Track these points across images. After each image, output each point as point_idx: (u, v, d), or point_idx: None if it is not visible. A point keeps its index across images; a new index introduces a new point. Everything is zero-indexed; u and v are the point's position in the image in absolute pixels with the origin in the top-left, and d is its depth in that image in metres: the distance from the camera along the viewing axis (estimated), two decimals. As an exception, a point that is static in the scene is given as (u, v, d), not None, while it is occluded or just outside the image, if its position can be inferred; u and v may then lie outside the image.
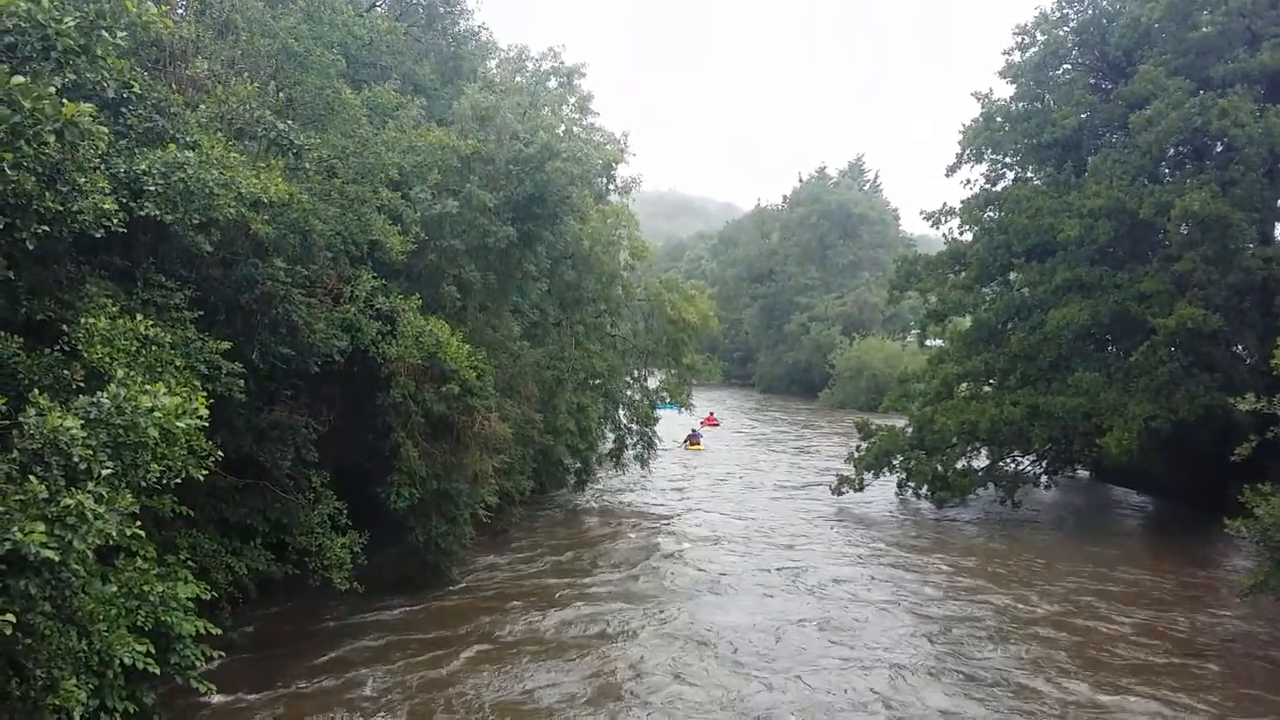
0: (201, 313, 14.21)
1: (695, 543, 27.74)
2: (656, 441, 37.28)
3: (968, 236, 36.24)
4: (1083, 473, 39.00)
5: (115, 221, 11.07)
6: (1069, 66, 34.93)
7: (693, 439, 48.75)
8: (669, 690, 16.14)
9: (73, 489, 8.81)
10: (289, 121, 16.49)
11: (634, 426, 36.62)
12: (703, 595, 22.00)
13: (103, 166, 11.69)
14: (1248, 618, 20.66)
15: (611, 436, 36.93)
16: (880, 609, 21.07)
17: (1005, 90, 37.37)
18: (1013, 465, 33.33)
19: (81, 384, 10.84)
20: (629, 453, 36.60)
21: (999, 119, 35.70)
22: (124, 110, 13.38)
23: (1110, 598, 22.19)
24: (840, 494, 32.66)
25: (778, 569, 24.48)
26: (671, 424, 43.09)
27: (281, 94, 17.29)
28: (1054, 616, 20.68)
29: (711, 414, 56.05)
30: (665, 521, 30.83)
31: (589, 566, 24.46)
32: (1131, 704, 15.88)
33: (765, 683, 16.49)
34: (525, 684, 16.30)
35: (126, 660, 10.72)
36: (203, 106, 15.45)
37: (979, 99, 36.41)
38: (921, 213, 37.79)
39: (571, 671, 17.00)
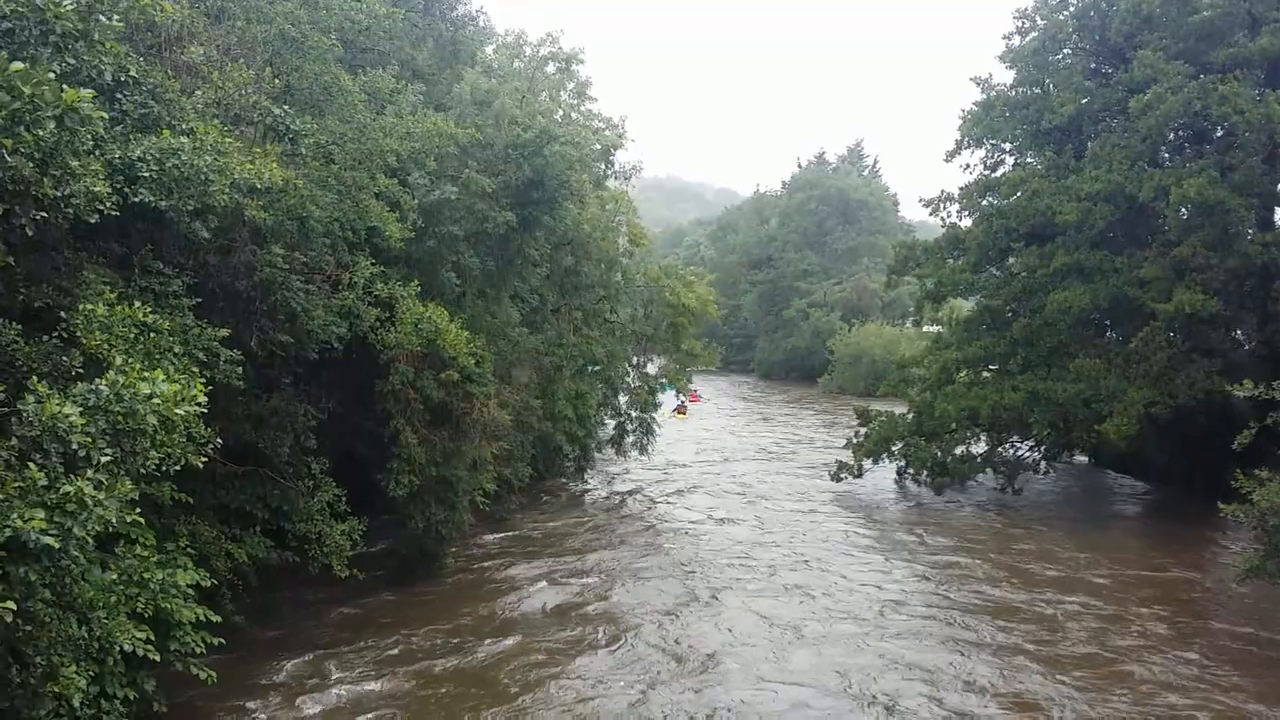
0: (200, 300, 14.16)
1: (692, 525, 27.91)
2: (656, 428, 37.27)
3: (967, 222, 36.16)
4: (1081, 459, 39.04)
5: (108, 205, 11.01)
6: (1069, 51, 34.74)
7: (680, 408, 53.78)
8: (655, 676, 16.24)
9: (72, 476, 8.80)
10: (285, 107, 16.41)
11: (633, 413, 36.60)
12: (697, 576, 22.08)
13: (97, 152, 11.64)
14: (1240, 601, 20.77)
15: (611, 423, 36.97)
16: (874, 591, 21.21)
17: (1005, 75, 37.28)
18: (1012, 451, 33.35)
19: (80, 371, 10.82)
20: (629, 439, 36.61)
21: (998, 105, 35.54)
22: (120, 96, 13.32)
23: (1104, 580, 22.33)
24: (839, 480, 32.67)
25: (775, 547, 24.65)
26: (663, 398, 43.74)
27: (278, 80, 17.20)
28: (1037, 600, 20.88)
29: (695, 391, 57.62)
30: (662, 505, 30.98)
31: (586, 551, 24.51)
32: (1113, 682, 16.07)
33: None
34: (514, 670, 16.37)
35: (126, 647, 10.73)
36: (199, 92, 15.37)
37: (979, 84, 36.26)
38: (920, 199, 37.72)
39: (566, 653, 17.12)
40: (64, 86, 9.82)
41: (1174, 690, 15.99)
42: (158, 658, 11.28)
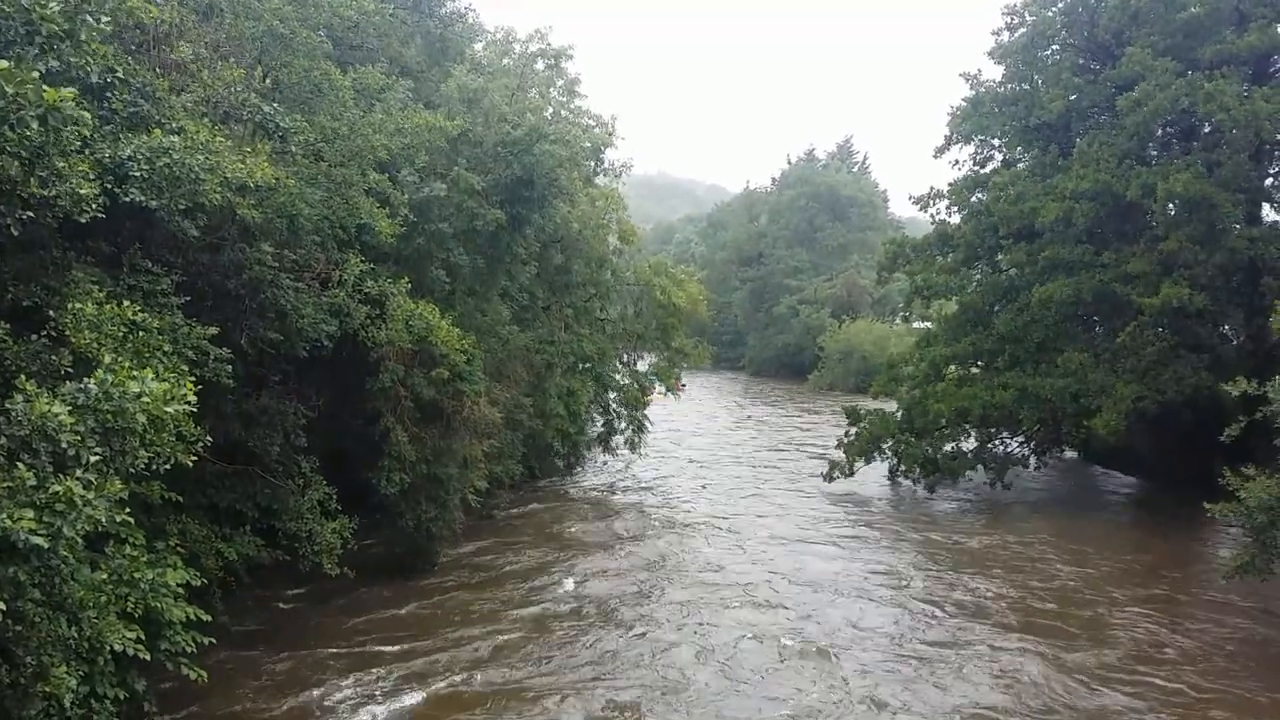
0: (189, 298, 14.11)
1: (680, 522, 28.02)
2: (649, 425, 37.26)
3: (956, 219, 36.27)
4: (1071, 454, 39.17)
5: (94, 207, 10.96)
6: (1057, 48, 34.87)
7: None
8: (649, 670, 16.26)
9: (61, 475, 8.76)
10: (275, 105, 16.35)
11: (623, 410, 36.59)
12: (689, 573, 22.12)
13: (86, 152, 11.58)
14: (1225, 597, 20.88)
15: (600, 420, 36.96)
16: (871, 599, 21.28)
17: (994, 71, 37.37)
18: (1002, 447, 33.45)
19: (69, 370, 10.77)
20: (618, 437, 36.61)
21: (987, 101, 35.62)
22: (108, 95, 13.25)
23: (1091, 575, 22.46)
24: (831, 480, 32.66)
25: (767, 547, 24.65)
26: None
27: (267, 78, 17.14)
28: (1025, 593, 21.07)
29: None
30: (651, 499, 31.13)
31: (577, 546, 24.57)
32: (1095, 677, 16.13)
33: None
34: (510, 665, 16.41)
35: (117, 647, 10.69)
36: (188, 91, 15.31)
37: (968, 79, 36.36)
38: (910, 197, 37.82)
39: (558, 650, 17.16)
40: (46, 87, 9.77)
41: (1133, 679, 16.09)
42: (148, 657, 11.26)
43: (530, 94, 26.64)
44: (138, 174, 12.48)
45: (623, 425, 36.49)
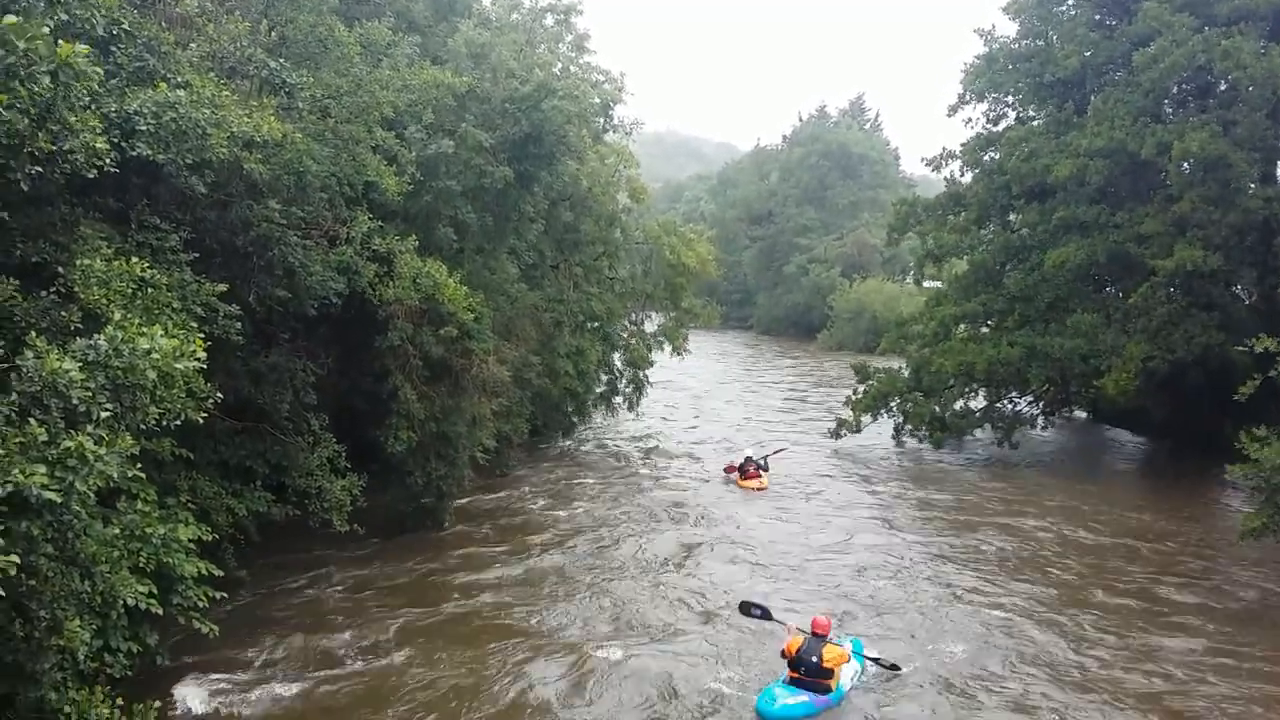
0: (197, 255, 14.11)
1: (687, 476, 28.19)
2: (647, 385, 37.27)
3: (968, 178, 36.00)
4: (1080, 414, 39.14)
5: (108, 161, 10.92)
6: (1073, 2, 34.38)
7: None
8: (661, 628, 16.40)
9: (72, 431, 8.80)
10: (281, 60, 16.23)
11: (627, 370, 36.58)
12: (690, 527, 22.24)
13: (93, 106, 11.53)
14: (1231, 557, 21.00)
15: (604, 379, 37.05)
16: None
17: (1008, 27, 36.93)
18: (1010, 406, 33.47)
19: (78, 326, 10.80)
20: (618, 398, 36.68)
21: (1001, 57, 35.22)
22: (114, 49, 13.16)
23: (1099, 534, 22.53)
24: (839, 437, 32.86)
25: (773, 509, 24.76)
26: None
27: (273, 32, 16.99)
28: (1029, 551, 21.19)
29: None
30: (656, 456, 31.38)
31: (585, 503, 24.71)
32: (1104, 640, 16.20)
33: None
34: (519, 621, 16.55)
35: (129, 601, 10.80)
36: (193, 45, 15.19)
37: (982, 36, 35.91)
38: (922, 159, 37.56)
39: (566, 608, 17.27)
40: (59, 41, 9.70)
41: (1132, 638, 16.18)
42: (160, 611, 11.38)
43: (539, 49, 26.40)
44: (144, 128, 12.41)
45: (624, 384, 36.50)
